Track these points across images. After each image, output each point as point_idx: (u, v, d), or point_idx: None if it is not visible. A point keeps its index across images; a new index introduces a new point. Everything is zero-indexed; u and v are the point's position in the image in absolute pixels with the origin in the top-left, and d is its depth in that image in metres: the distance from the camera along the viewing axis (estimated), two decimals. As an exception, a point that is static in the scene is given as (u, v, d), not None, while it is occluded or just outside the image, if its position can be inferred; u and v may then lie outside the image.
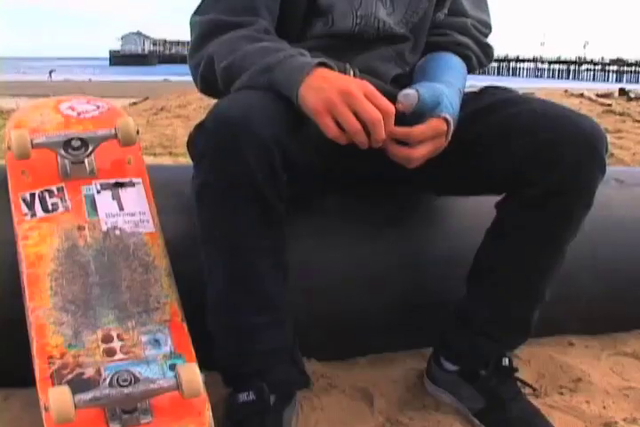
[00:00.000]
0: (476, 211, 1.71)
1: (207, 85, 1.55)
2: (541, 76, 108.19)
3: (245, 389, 1.45)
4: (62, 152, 1.55)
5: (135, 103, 12.97)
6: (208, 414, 1.34)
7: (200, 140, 1.38)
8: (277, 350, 1.47)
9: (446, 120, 1.43)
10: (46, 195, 1.55)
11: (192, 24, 1.58)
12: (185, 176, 1.44)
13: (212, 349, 1.48)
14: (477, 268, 1.61)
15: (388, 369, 1.79)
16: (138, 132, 1.57)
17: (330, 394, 1.68)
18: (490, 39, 1.79)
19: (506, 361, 1.60)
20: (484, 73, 1.85)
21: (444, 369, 1.65)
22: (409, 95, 1.41)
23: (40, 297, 1.43)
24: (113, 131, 1.56)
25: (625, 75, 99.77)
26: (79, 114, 1.71)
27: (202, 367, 1.31)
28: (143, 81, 34.52)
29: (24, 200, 1.54)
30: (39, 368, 1.36)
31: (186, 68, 1.59)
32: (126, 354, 1.39)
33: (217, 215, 1.37)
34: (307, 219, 1.69)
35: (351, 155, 1.42)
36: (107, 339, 1.41)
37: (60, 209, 1.54)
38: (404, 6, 1.65)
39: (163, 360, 1.40)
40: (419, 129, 1.40)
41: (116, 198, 1.57)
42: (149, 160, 5.24)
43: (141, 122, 8.92)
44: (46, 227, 1.51)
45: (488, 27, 1.77)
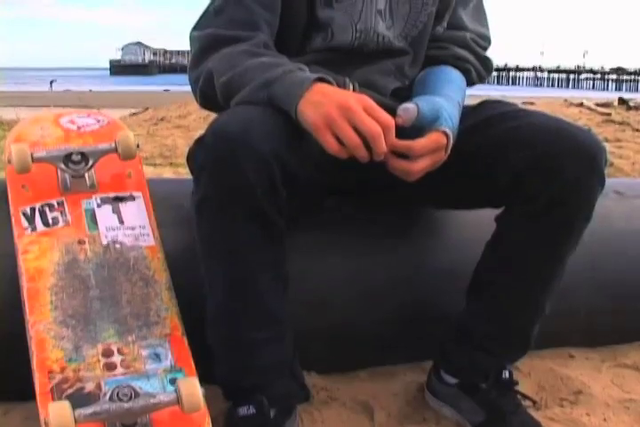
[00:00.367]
0: (477, 223, 1.71)
1: (207, 100, 1.56)
2: (541, 85, 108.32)
3: (245, 403, 1.45)
4: (62, 166, 1.56)
5: (135, 114, 13.02)
6: (208, 428, 1.34)
7: (199, 154, 1.38)
8: (277, 365, 1.47)
9: (446, 134, 1.43)
10: (46, 209, 1.55)
11: (191, 38, 1.58)
12: (185, 189, 1.45)
13: (212, 362, 1.48)
14: (477, 281, 1.61)
15: (389, 382, 1.78)
16: (138, 145, 1.58)
17: (330, 407, 1.67)
18: (490, 48, 1.79)
19: (506, 374, 1.59)
20: (485, 82, 1.85)
21: (445, 382, 1.65)
22: (408, 109, 1.41)
23: (40, 311, 1.43)
24: (113, 145, 1.57)
25: (624, 83, 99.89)
26: (79, 128, 1.72)
27: (202, 381, 1.31)
28: (143, 91, 34.60)
29: (24, 214, 1.54)
30: (39, 382, 1.36)
31: (186, 78, 1.59)
32: (126, 368, 1.39)
33: (216, 229, 1.38)
34: (306, 231, 1.69)
35: (351, 168, 1.42)
36: (107, 353, 1.41)
37: (61, 223, 1.54)
38: (404, 20, 1.66)
39: (163, 374, 1.40)
40: (420, 143, 1.40)
41: (117, 212, 1.57)
42: (150, 171, 5.25)
43: (142, 132, 8.94)
44: (46, 241, 1.51)
45: (487, 40, 1.78)
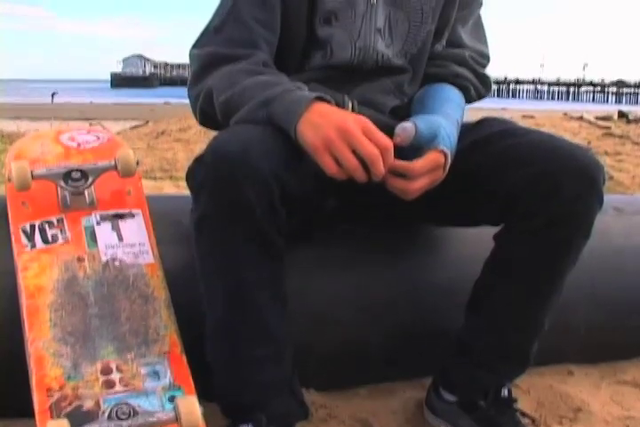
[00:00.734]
0: (476, 240, 1.71)
1: (206, 118, 1.57)
2: (541, 97, 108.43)
3: (244, 420, 1.44)
4: (62, 184, 1.56)
5: (136, 127, 13.05)
6: (207, 446, 1.33)
7: (199, 173, 1.38)
8: (276, 382, 1.47)
9: (444, 153, 1.44)
10: (46, 226, 1.56)
11: (191, 57, 1.59)
12: (183, 206, 1.45)
13: (212, 380, 1.48)
14: (476, 297, 1.61)
15: (388, 399, 1.78)
16: (137, 163, 1.58)
17: (329, 425, 1.67)
18: (490, 60, 1.80)
19: (505, 392, 1.59)
20: (483, 99, 1.86)
21: (444, 400, 1.64)
22: (406, 128, 1.42)
23: (39, 328, 1.43)
24: (113, 162, 1.57)
25: (624, 96, 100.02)
26: (79, 145, 1.73)
27: (201, 398, 1.31)
28: (144, 103, 34.62)
29: (24, 231, 1.55)
30: (38, 400, 1.35)
31: (186, 91, 1.60)
32: (125, 386, 1.39)
33: (216, 247, 1.38)
34: (306, 248, 1.69)
35: (350, 187, 1.42)
36: (106, 371, 1.40)
37: (60, 240, 1.54)
38: (403, 38, 1.67)
39: (162, 392, 1.39)
40: (418, 163, 1.40)
41: (116, 229, 1.57)
42: (150, 184, 5.26)
43: (142, 146, 8.96)
44: (46, 258, 1.51)
45: (486, 58, 1.79)
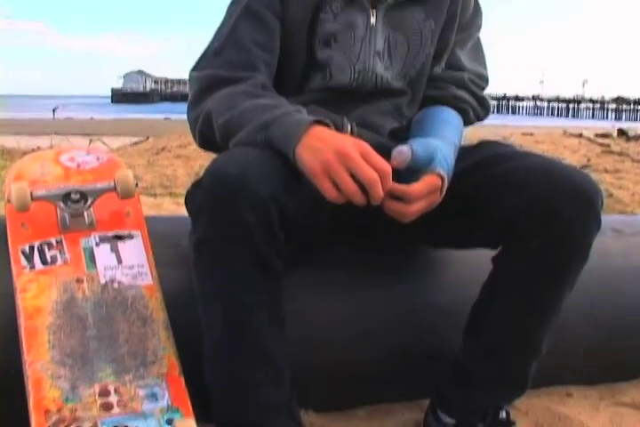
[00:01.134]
0: (474, 262, 1.71)
1: (205, 140, 1.57)
2: (541, 114, 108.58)
3: (242, 442, 1.44)
4: (62, 205, 1.57)
5: (136, 143, 13.08)
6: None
7: (197, 196, 1.38)
8: (275, 405, 1.46)
9: (440, 176, 1.44)
10: (45, 247, 1.56)
11: (191, 79, 1.60)
12: (183, 227, 1.45)
13: (210, 401, 1.47)
14: (474, 319, 1.61)
15: (386, 421, 1.77)
16: (137, 184, 1.59)
17: (327, 446, 1.67)
18: (489, 83, 1.81)
19: (503, 414, 1.59)
20: (482, 121, 1.86)
21: (441, 422, 1.63)
22: (403, 151, 1.42)
23: (38, 350, 1.43)
24: (112, 184, 1.57)
25: (624, 113, 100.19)
26: (79, 165, 1.73)
27: (199, 420, 1.31)
28: (144, 119, 34.71)
29: (23, 253, 1.55)
30: (36, 422, 1.35)
31: (186, 106, 1.61)
32: (123, 408, 1.39)
33: (215, 269, 1.38)
34: (305, 270, 1.69)
35: (348, 210, 1.43)
36: (104, 393, 1.40)
37: (59, 261, 1.54)
38: (402, 60, 1.68)
39: (160, 415, 1.39)
40: (415, 187, 1.41)
41: (115, 251, 1.58)
42: (150, 201, 5.26)
43: (142, 162, 8.98)
44: (45, 279, 1.52)
45: (485, 80, 1.80)
